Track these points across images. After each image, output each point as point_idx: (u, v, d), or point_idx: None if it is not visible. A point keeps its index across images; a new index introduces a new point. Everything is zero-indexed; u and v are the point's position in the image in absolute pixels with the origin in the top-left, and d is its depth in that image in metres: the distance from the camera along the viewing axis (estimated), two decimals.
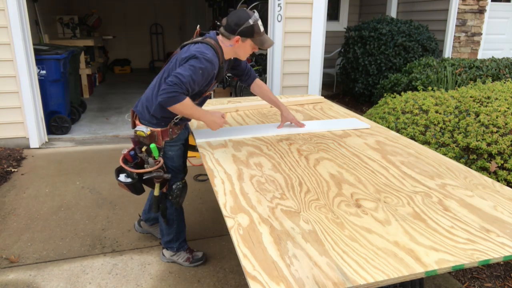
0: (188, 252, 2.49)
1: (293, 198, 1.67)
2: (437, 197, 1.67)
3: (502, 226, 1.45)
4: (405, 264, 1.24)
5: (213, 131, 2.30)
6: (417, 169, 1.95)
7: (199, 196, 3.44)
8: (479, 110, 3.05)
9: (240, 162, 2.04)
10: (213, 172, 1.92)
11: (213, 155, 2.13)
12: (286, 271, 1.21)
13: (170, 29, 10.52)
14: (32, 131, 4.39)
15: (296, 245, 1.34)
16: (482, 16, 6.55)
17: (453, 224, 1.46)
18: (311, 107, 3.14)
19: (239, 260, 1.29)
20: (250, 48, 2.15)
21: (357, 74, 6.21)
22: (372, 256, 1.28)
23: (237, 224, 1.47)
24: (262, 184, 1.79)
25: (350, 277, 1.18)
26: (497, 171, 2.60)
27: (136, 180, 2.16)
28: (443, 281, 2.37)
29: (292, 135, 2.43)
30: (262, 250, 1.32)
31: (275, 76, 5.14)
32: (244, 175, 1.89)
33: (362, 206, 1.59)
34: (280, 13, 4.89)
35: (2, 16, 4.06)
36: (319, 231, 1.42)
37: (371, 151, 2.19)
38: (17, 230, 2.85)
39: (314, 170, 1.94)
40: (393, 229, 1.43)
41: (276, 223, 1.48)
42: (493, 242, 1.35)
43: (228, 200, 1.67)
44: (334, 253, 1.29)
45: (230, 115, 2.91)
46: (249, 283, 1.16)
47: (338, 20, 8.19)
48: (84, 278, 2.37)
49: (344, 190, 1.74)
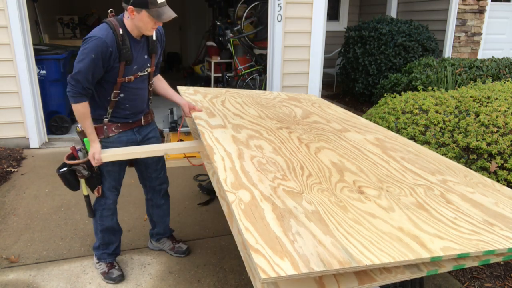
0: (107, 266, 2.37)
1: (295, 180, 1.61)
2: (439, 191, 1.64)
3: (504, 221, 1.43)
4: (410, 248, 1.20)
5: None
6: (418, 164, 1.93)
7: (199, 196, 3.44)
8: (479, 110, 3.05)
9: (240, 142, 1.97)
10: (212, 149, 1.85)
11: (212, 134, 2.07)
12: (290, 247, 1.17)
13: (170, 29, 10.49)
14: (32, 131, 4.39)
15: (299, 223, 1.29)
16: (482, 16, 6.55)
17: (456, 215, 1.44)
18: (309, 104, 3.13)
19: (241, 234, 1.24)
20: (150, 21, 1.97)
21: (357, 74, 6.21)
22: (377, 239, 1.24)
23: (239, 199, 1.42)
24: (263, 165, 1.72)
25: (356, 257, 1.14)
26: (497, 171, 2.60)
27: (66, 171, 2.13)
28: (443, 281, 2.37)
29: (291, 125, 2.38)
30: (264, 225, 1.27)
31: (275, 76, 5.14)
32: (245, 155, 1.82)
33: (365, 193, 1.55)
34: (280, 13, 4.89)
35: (2, 16, 4.06)
36: (322, 212, 1.38)
37: (371, 146, 2.16)
38: (17, 230, 2.85)
39: (315, 156, 1.88)
40: (397, 216, 1.39)
41: (278, 201, 1.43)
42: (497, 234, 1.33)
43: (228, 176, 1.60)
44: (338, 234, 1.25)
45: (229, 102, 2.83)
46: (253, 256, 1.12)
47: (338, 20, 8.19)
48: (84, 278, 2.37)
49: (346, 177, 1.69)
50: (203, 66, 7.77)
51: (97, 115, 2.14)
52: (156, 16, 1.95)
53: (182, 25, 10.36)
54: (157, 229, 2.60)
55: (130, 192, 3.42)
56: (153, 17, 1.95)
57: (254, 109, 2.68)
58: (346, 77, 6.59)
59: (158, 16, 1.95)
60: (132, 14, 1.97)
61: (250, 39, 6.36)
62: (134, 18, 1.98)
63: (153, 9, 1.94)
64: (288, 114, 2.64)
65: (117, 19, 2.05)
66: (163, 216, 2.58)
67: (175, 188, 3.58)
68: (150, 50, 2.18)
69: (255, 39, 6.42)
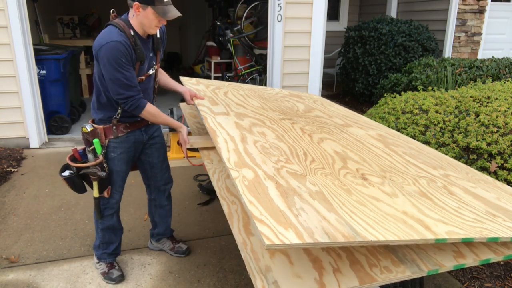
0: (107, 267, 2.38)
1: (299, 164, 1.61)
2: (441, 183, 1.65)
3: (507, 214, 1.44)
4: (415, 230, 1.20)
5: None
6: (420, 160, 1.94)
7: (199, 196, 3.44)
8: (479, 110, 3.05)
9: (243, 128, 1.97)
10: (215, 132, 1.84)
11: (215, 119, 2.07)
12: (294, 219, 1.16)
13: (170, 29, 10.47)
14: (32, 131, 4.39)
15: (303, 201, 1.29)
16: (482, 16, 6.55)
17: (460, 205, 1.44)
18: (311, 101, 3.12)
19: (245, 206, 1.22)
20: (155, 18, 1.97)
21: (357, 74, 6.21)
22: (382, 219, 1.23)
23: (242, 176, 1.41)
24: (266, 149, 1.73)
25: (361, 233, 1.14)
26: (497, 171, 2.60)
27: (74, 174, 2.11)
28: (443, 281, 2.37)
29: (294, 117, 2.38)
30: (268, 200, 1.27)
31: (275, 76, 5.14)
32: (248, 139, 1.82)
33: (368, 180, 1.55)
34: (280, 13, 4.89)
35: (2, 16, 4.06)
36: (326, 193, 1.38)
37: (374, 140, 2.17)
38: (17, 230, 2.85)
39: (318, 145, 1.89)
40: (401, 201, 1.40)
41: (282, 181, 1.42)
42: (500, 224, 1.34)
43: (231, 156, 1.60)
44: (343, 212, 1.25)
45: (232, 93, 2.83)
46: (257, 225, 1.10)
47: (338, 20, 8.19)
48: (84, 278, 2.37)
49: (349, 165, 1.69)
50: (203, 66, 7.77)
51: (107, 116, 2.14)
52: (162, 14, 1.95)
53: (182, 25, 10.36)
54: (158, 229, 2.60)
55: (131, 192, 3.42)
56: (158, 14, 1.95)
57: (257, 101, 2.68)
58: (346, 77, 6.60)
59: (163, 13, 1.95)
60: (137, 11, 1.97)
61: (250, 39, 6.36)
62: (139, 15, 1.98)
63: (159, 6, 1.94)
64: (291, 108, 2.64)
65: (123, 19, 2.04)
66: (166, 217, 2.57)
67: (175, 188, 3.58)
68: (155, 48, 2.19)
69: (255, 39, 6.42)
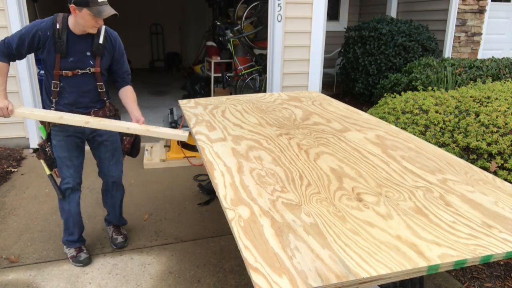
0: (76, 250, 2.52)
1: (294, 191, 1.67)
2: (438, 192, 1.67)
3: (503, 222, 1.45)
4: (408, 258, 1.24)
5: None
6: (418, 163, 1.95)
7: (199, 196, 3.44)
8: (479, 110, 3.05)
9: (240, 155, 2.04)
10: (212, 165, 1.92)
11: (212, 148, 2.13)
12: (288, 263, 1.21)
13: (170, 29, 10.51)
14: (32, 131, 4.39)
15: (298, 238, 1.34)
16: (482, 16, 6.55)
17: (455, 219, 1.46)
18: (310, 103, 3.13)
19: (240, 252, 1.29)
20: (91, 19, 2.10)
21: (357, 74, 6.21)
22: (375, 250, 1.28)
23: (238, 216, 1.47)
24: (262, 177, 1.79)
25: (353, 270, 1.17)
26: (497, 171, 2.60)
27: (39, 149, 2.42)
28: (443, 281, 2.37)
29: (291, 130, 2.44)
30: (263, 242, 1.32)
31: (275, 76, 5.14)
32: (244, 168, 1.89)
33: (363, 200, 1.59)
34: (280, 13, 4.89)
35: (2, 16, 4.06)
36: (320, 224, 1.42)
37: (371, 145, 2.19)
38: (17, 230, 2.85)
39: (314, 164, 1.94)
40: (395, 223, 1.43)
41: (277, 215, 1.48)
42: (496, 237, 1.35)
43: (228, 192, 1.67)
44: (336, 246, 1.29)
45: (229, 110, 2.90)
46: (251, 275, 1.16)
47: (338, 20, 8.19)
48: (84, 278, 2.37)
49: (345, 184, 1.74)
50: (203, 66, 7.77)
51: (46, 105, 2.35)
52: (97, 13, 2.08)
53: (182, 25, 10.37)
54: (107, 216, 2.81)
55: (131, 192, 3.43)
56: (93, 14, 2.08)
57: (254, 116, 2.77)
58: (346, 77, 6.59)
59: (98, 13, 2.08)
60: (74, 12, 2.12)
61: (250, 39, 6.36)
62: (76, 16, 2.13)
63: (94, 7, 2.07)
64: (288, 118, 2.71)
65: (64, 15, 2.23)
66: (113, 206, 2.74)
67: (175, 188, 3.58)
68: (94, 51, 2.28)
69: (255, 39, 6.42)
